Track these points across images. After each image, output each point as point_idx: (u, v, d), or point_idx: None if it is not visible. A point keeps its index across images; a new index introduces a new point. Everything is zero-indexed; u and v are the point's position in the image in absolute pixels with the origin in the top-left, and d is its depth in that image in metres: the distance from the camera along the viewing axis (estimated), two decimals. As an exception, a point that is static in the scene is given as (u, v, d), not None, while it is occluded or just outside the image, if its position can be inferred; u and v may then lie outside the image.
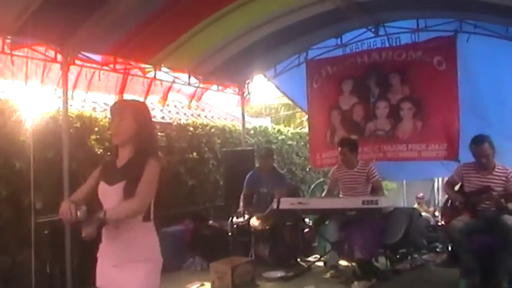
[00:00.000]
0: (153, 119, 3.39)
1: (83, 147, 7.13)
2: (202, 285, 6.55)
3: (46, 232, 6.37)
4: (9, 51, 5.85)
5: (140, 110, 3.25)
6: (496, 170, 6.06)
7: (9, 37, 5.75)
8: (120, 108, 3.26)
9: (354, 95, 8.84)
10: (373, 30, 8.46)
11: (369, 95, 8.60)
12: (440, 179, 13.87)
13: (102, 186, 3.14)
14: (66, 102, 6.53)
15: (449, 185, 6.66)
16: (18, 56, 6.02)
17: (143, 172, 3.00)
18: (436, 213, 11.58)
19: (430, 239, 7.84)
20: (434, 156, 8.10)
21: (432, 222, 9.18)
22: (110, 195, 3.07)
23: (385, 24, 8.38)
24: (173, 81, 8.38)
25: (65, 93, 6.46)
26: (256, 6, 6.93)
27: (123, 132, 3.12)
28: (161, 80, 8.10)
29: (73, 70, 6.75)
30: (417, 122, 8.21)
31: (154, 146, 3.29)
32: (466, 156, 6.65)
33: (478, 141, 6.08)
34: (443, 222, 7.05)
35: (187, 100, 8.98)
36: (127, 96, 7.54)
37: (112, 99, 7.53)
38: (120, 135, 3.13)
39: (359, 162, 7.08)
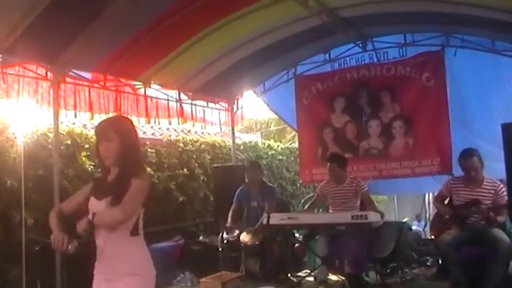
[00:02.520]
0: (140, 135, 3.40)
1: (74, 164, 7.14)
2: (192, 300, 6.56)
3: (37, 249, 6.35)
4: (0, 69, 5.88)
5: (125, 128, 3.25)
6: (485, 183, 6.12)
7: (0, 55, 5.78)
8: (106, 129, 3.22)
9: (346, 113, 8.96)
10: (360, 45, 8.56)
11: (361, 114, 8.76)
12: (431, 193, 13.92)
13: (92, 201, 3.17)
14: (57, 120, 6.56)
15: (438, 199, 6.72)
16: (9, 74, 6.03)
17: (129, 187, 3.04)
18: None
19: (420, 252, 7.87)
20: (428, 171, 8.24)
21: (422, 235, 9.22)
22: (97, 210, 3.09)
23: (372, 39, 8.49)
24: (167, 100, 8.42)
25: (56, 111, 6.48)
26: (243, 23, 7.00)
27: (112, 153, 3.13)
28: (151, 97, 8.11)
29: (70, 90, 6.82)
30: (408, 139, 8.37)
31: (139, 160, 3.30)
32: (456, 169, 6.74)
33: (467, 155, 6.15)
34: (432, 236, 7.10)
35: (177, 117, 8.99)
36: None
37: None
38: (111, 157, 3.14)
39: (348, 178, 7.11)
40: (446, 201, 6.57)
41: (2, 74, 5.92)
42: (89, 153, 7.38)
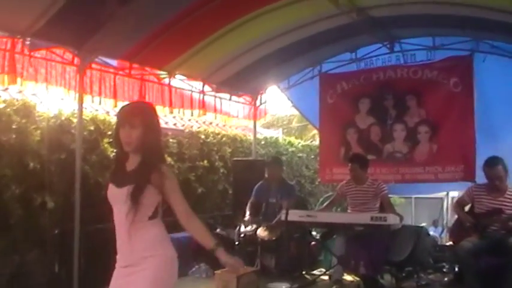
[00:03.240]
0: (162, 124, 3.39)
1: (96, 150, 7.19)
2: (207, 292, 6.56)
3: (56, 232, 6.43)
4: (28, 53, 5.92)
5: (150, 116, 3.24)
6: (508, 192, 6.04)
7: (28, 39, 5.81)
8: (130, 114, 3.19)
9: (370, 115, 8.92)
10: (388, 46, 8.49)
11: (386, 116, 8.71)
12: (450, 199, 13.84)
13: (111, 188, 3.18)
14: (82, 105, 6.61)
15: (458, 205, 6.65)
16: (37, 57, 6.08)
17: (156, 180, 3.07)
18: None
19: (436, 258, 7.80)
20: (451, 177, 8.20)
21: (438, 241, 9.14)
22: (117, 197, 3.12)
23: (400, 40, 8.41)
24: (191, 90, 8.45)
25: (81, 96, 6.53)
26: (272, 18, 6.98)
27: (135, 140, 3.10)
28: (175, 87, 8.14)
29: (95, 76, 6.86)
30: (433, 145, 8.33)
31: (162, 150, 3.30)
32: (480, 177, 6.67)
33: (492, 163, 6.07)
34: (451, 242, 7.03)
35: (199, 108, 8.99)
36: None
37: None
38: (133, 144, 3.11)
39: (368, 179, 7.07)
40: (467, 208, 6.50)
41: (29, 57, 5.98)
42: (111, 140, 7.42)
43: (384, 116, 8.75)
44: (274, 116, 21.24)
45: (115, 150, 7.23)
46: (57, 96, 6.68)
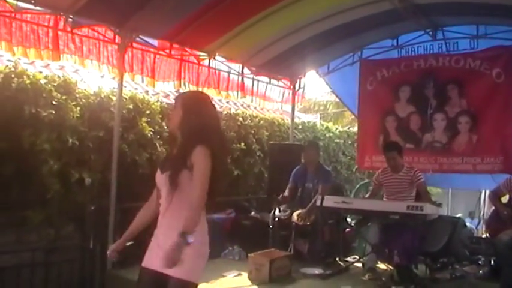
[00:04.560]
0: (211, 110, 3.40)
1: (134, 129, 7.24)
2: (239, 274, 6.56)
3: (92, 208, 6.52)
4: (70, 30, 5.98)
5: (190, 100, 3.39)
6: None
7: (70, 16, 5.87)
8: (177, 98, 3.52)
9: (411, 104, 8.83)
10: (430, 33, 8.36)
11: (427, 106, 8.59)
12: (487, 191, 13.64)
13: (158, 173, 3.34)
14: (121, 84, 6.66)
15: (494, 195, 6.55)
16: (79, 35, 6.14)
17: (191, 160, 3.10)
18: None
19: (472, 250, 7.69)
20: (490, 169, 8.07)
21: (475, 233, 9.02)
22: (161, 183, 3.27)
23: (443, 28, 8.27)
24: (228, 72, 8.44)
25: (121, 74, 6.58)
26: (312, 2, 6.96)
27: (173, 120, 3.34)
28: (215, 69, 8.14)
29: (136, 55, 6.92)
30: (473, 135, 8.22)
31: (202, 135, 3.21)
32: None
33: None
34: (487, 234, 6.92)
35: (238, 90, 8.98)
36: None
37: (170, 86, 7.64)
38: (171, 122, 3.37)
39: (404, 167, 6.99)
40: (505, 200, 6.40)
41: (71, 34, 6.04)
42: (149, 119, 7.47)
43: (424, 105, 8.62)
44: (310, 100, 21.11)
45: (153, 130, 7.36)
46: (97, 73, 6.75)
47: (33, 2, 5.48)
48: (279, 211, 7.41)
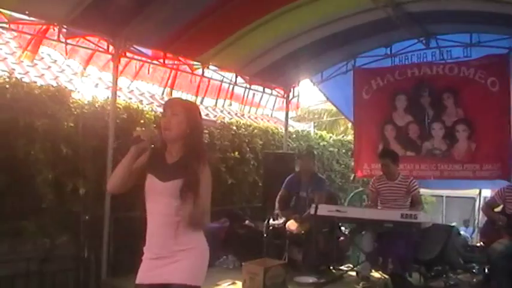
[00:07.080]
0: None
1: (128, 138, 7.22)
2: (233, 283, 6.56)
3: (86, 218, 6.51)
4: (64, 40, 6.00)
5: (192, 110, 3.27)
6: None
7: (65, 26, 5.89)
8: (174, 104, 3.26)
9: (408, 114, 8.94)
10: (424, 41, 8.42)
11: (424, 115, 8.72)
12: (482, 198, 13.65)
13: (152, 181, 3.15)
14: (115, 93, 6.68)
15: (488, 206, 6.57)
16: (73, 45, 6.16)
17: (199, 175, 3.05)
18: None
19: (466, 258, 7.70)
20: (488, 175, 8.20)
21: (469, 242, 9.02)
22: (162, 192, 3.10)
23: (436, 36, 8.33)
24: (221, 81, 8.46)
25: (115, 84, 6.59)
26: (307, 11, 6.96)
27: (174, 127, 3.12)
28: (208, 78, 8.16)
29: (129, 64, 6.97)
30: (471, 143, 8.33)
31: (204, 147, 3.26)
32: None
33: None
34: (482, 243, 6.94)
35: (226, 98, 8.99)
36: (175, 93, 7.68)
37: (158, 90, 7.66)
38: (172, 130, 3.13)
39: (400, 175, 7.01)
40: (498, 210, 6.42)
41: (65, 45, 6.06)
42: (143, 129, 7.45)
43: (421, 114, 8.74)
44: (304, 109, 21.15)
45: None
46: (91, 83, 6.76)
47: (27, 12, 5.49)
48: (273, 220, 7.40)
